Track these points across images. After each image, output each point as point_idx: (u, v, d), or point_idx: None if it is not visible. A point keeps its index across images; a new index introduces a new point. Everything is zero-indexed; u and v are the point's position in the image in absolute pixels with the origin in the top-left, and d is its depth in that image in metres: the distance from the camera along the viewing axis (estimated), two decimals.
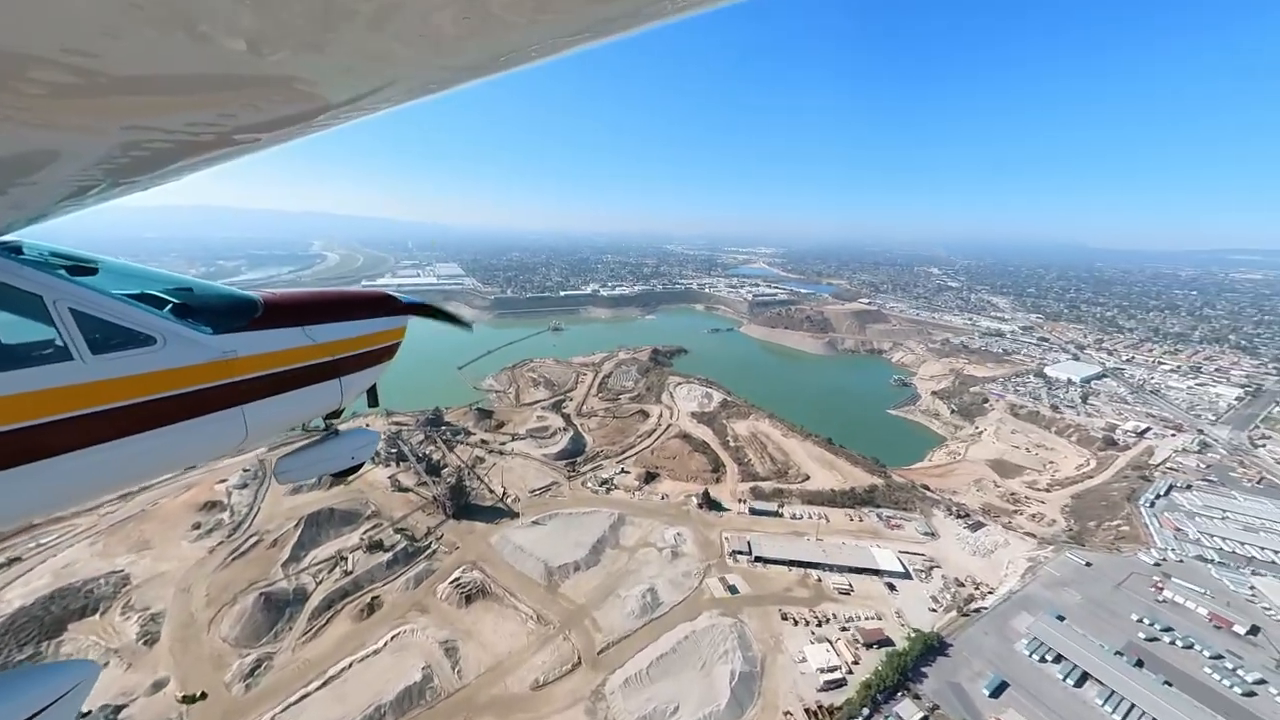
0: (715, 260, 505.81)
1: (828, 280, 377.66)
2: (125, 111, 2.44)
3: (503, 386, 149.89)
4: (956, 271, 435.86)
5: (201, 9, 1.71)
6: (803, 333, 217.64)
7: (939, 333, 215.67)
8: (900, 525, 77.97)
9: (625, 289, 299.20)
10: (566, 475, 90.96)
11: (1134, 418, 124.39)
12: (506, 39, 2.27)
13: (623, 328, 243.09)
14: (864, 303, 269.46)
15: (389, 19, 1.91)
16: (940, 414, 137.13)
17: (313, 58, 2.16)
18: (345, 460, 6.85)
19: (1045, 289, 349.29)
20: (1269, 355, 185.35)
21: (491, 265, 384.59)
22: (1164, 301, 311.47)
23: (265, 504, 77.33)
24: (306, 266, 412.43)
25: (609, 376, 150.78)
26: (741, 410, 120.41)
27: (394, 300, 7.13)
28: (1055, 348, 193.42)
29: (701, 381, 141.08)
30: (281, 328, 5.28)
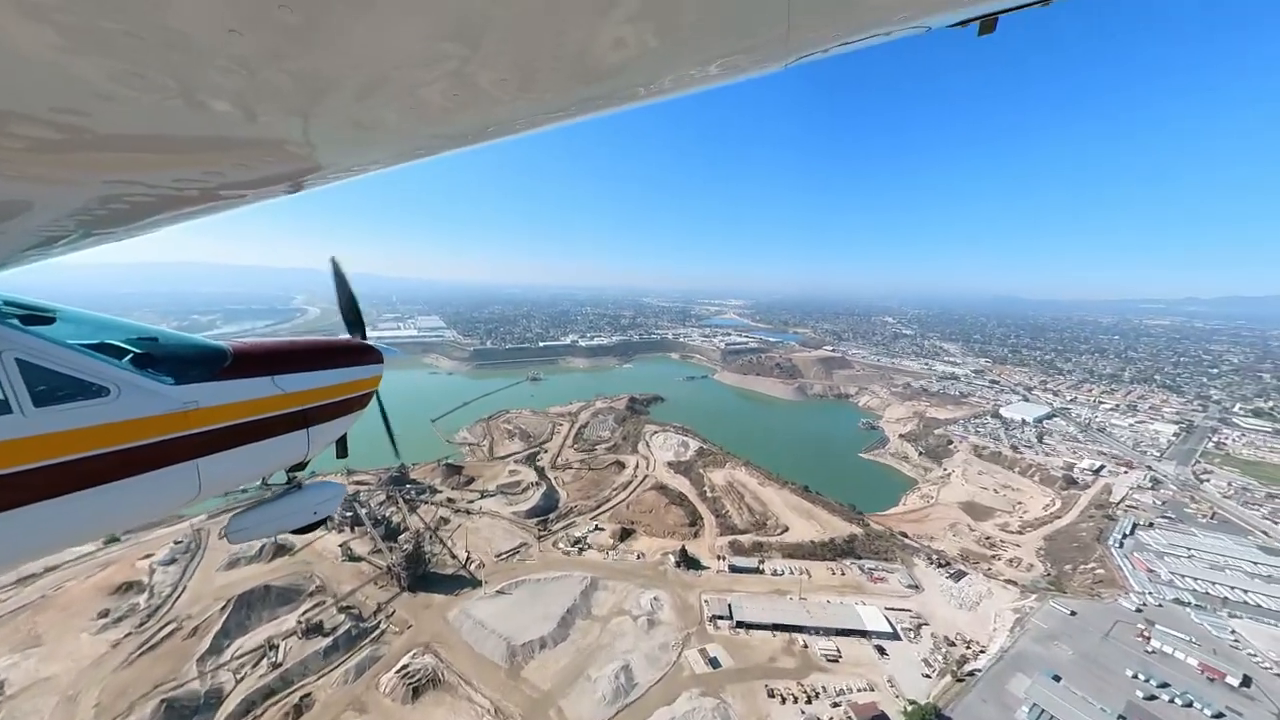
0: (689, 311, 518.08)
1: (794, 329, 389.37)
2: (109, 167, 2.41)
3: (477, 439, 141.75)
4: (909, 321, 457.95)
5: (201, 78, 1.71)
6: (773, 379, 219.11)
7: (900, 377, 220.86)
8: (883, 578, 73.10)
9: (603, 339, 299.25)
10: (537, 535, 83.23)
11: (1088, 456, 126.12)
12: (493, 113, 2.28)
13: (601, 377, 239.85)
14: (829, 350, 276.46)
15: (379, 90, 1.94)
16: (909, 456, 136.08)
17: (305, 123, 2.16)
18: (306, 515, 6.30)
19: (989, 335, 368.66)
20: (1192, 393, 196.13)
21: (473, 318, 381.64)
22: (1092, 345, 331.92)
23: (194, 582, 66.66)
24: (285, 320, 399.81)
25: (585, 426, 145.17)
26: (718, 459, 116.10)
27: (370, 349, 6.92)
28: (1006, 389, 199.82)
29: (678, 430, 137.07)
30: (249, 377, 4.97)
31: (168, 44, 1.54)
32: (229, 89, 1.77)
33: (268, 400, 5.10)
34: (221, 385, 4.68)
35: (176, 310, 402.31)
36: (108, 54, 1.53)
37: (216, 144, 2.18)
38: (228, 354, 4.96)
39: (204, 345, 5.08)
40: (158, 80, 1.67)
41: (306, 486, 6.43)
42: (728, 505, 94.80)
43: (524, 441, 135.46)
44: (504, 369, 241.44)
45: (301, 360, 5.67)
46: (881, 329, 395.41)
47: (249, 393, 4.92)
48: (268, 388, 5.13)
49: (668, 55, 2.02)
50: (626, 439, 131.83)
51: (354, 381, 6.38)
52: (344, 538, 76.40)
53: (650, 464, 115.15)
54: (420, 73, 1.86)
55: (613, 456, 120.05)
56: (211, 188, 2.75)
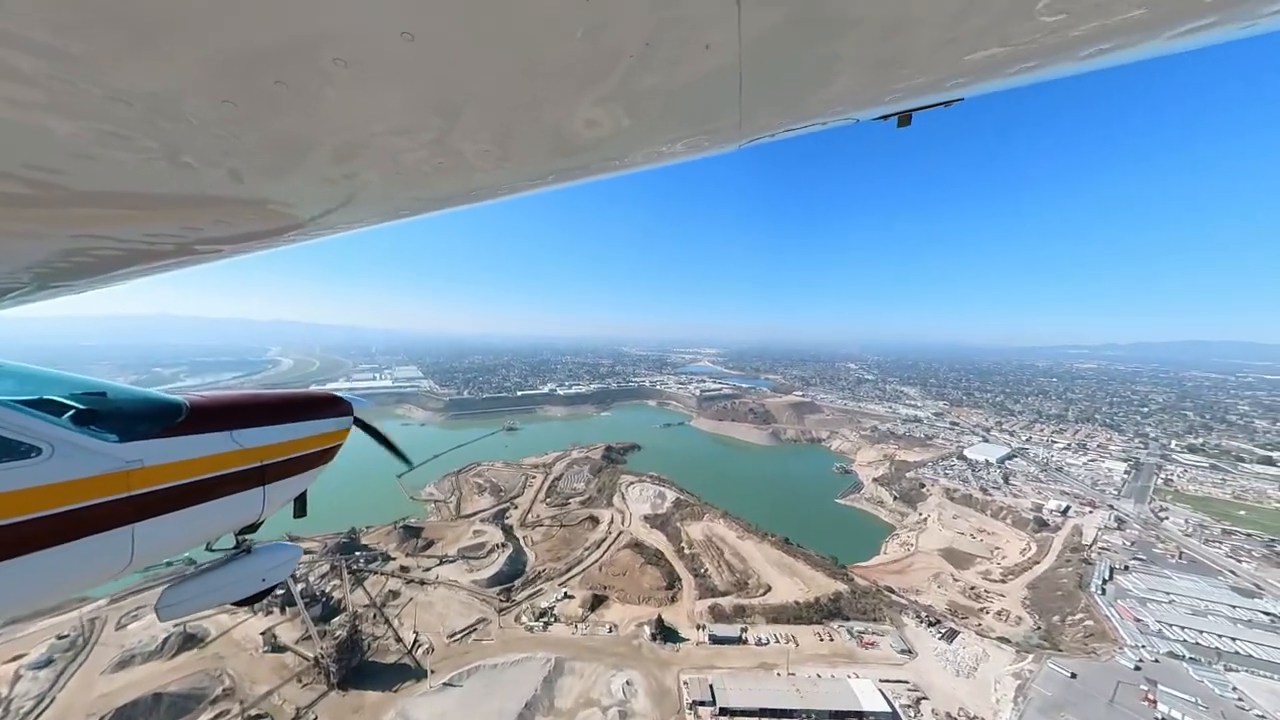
0: (665, 360, 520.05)
1: (765, 375, 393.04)
2: (79, 221, 2.35)
3: (444, 495, 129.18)
4: (870, 366, 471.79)
5: (188, 142, 1.69)
6: (748, 424, 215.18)
7: (867, 420, 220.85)
8: (874, 642, 65.26)
9: (582, 387, 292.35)
10: (499, 607, 72.13)
11: (1053, 496, 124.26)
12: (474, 179, 2.34)
13: (579, 425, 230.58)
14: (798, 395, 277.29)
15: (366, 156, 1.96)
16: (884, 501, 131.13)
17: (290, 184, 2.16)
18: (253, 583, 5.53)
19: (944, 379, 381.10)
20: (1130, 431, 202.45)
21: (453, 368, 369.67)
22: (1035, 387, 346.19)
23: (67, 692, 52.74)
24: (255, 371, 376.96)
25: (560, 478, 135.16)
26: (695, 510, 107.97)
27: (339, 401, 6.36)
28: (966, 431, 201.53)
29: (654, 480, 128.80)
30: (205, 433, 4.52)
31: (157, 110, 1.53)
32: (216, 152, 1.76)
33: (222, 457, 4.53)
34: (172, 442, 4.15)
35: (138, 363, 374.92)
36: (92, 118, 1.50)
37: (197, 201, 2.13)
38: (183, 408, 4.44)
39: (157, 400, 4.53)
40: (142, 143, 1.65)
41: (257, 550, 5.66)
42: (707, 563, 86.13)
43: (494, 496, 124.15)
44: (480, 419, 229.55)
45: (264, 413, 5.08)
46: (846, 374, 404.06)
47: (202, 449, 4.37)
48: (224, 443, 4.60)
49: (637, 135, 2.15)
50: (602, 491, 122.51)
51: (319, 435, 5.70)
52: (270, 622, 63.73)
53: (626, 518, 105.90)
54: (404, 141, 1.88)
55: (587, 511, 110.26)
56: (187, 242, 2.65)
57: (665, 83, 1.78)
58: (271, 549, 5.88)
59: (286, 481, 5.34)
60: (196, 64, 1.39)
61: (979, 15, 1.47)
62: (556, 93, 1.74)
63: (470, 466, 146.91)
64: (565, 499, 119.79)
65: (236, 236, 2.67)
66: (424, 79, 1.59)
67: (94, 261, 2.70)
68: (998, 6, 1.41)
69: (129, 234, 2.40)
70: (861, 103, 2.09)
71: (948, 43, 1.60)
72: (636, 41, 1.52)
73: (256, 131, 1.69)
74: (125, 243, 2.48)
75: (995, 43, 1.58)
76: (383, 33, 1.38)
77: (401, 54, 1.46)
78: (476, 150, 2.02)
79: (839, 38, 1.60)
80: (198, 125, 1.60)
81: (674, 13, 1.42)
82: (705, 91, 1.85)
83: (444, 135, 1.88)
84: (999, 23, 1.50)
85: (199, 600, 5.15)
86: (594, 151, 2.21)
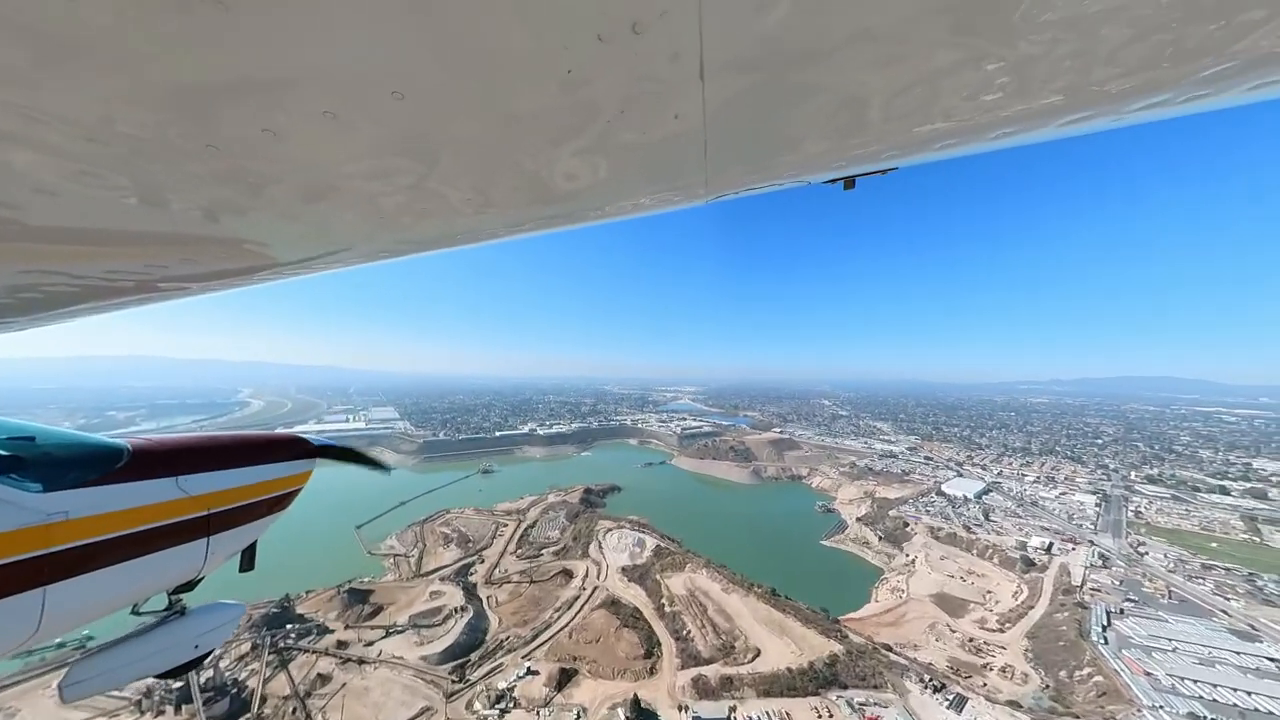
0: (647, 398, 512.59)
1: (744, 412, 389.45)
2: (32, 257, 2.21)
3: (406, 548, 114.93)
4: (843, 403, 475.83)
5: (163, 183, 1.61)
6: (729, 463, 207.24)
7: (845, 456, 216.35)
8: (878, 717, 55.99)
9: (563, 427, 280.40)
10: (449, 690, 59.86)
11: (1034, 532, 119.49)
12: (456, 224, 2.39)
13: (558, 466, 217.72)
14: (777, 432, 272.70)
15: (344, 200, 1.95)
16: (870, 542, 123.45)
17: (266, 225, 2.10)
18: (183, 651, 4.73)
19: (912, 414, 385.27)
20: (1092, 463, 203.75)
21: (432, 408, 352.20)
22: (997, 421, 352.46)
23: None
24: (221, 414, 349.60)
25: (534, 526, 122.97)
26: (677, 560, 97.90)
27: (302, 442, 5.68)
28: (940, 466, 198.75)
29: (634, 525, 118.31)
30: (147, 479, 3.95)
31: (135, 151, 1.48)
32: (192, 192, 1.71)
33: (163, 506, 3.95)
34: (106, 490, 3.60)
35: (91, 407, 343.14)
36: (62, 154, 1.43)
37: (166, 239, 2.03)
38: (124, 453, 3.94)
39: (95, 444, 3.98)
40: (113, 180, 1.58)
41: (193, 612, 4.90)
42: (689, 622, 75.79)
43: (460, 548, 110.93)
44: (455, 461, 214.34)
45: (216, 456, 4.54)
46: (820, 411, 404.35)
47: (141, 497, 3.82)
48: (167, 491, 4.04)
49: (612, 189, 2.28)
50: (578, 539, 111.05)
51: (276, 480, 5.12)
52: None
53: (602, 570, 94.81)
54: (388, 189, 1.88)
55: (560, 564, 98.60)
56: (151, 280, 2.50)
57: (638, 145, 1.89)
58: (209, 610, 5.05)
59: (235, 532, 4.66)
60: (182, 108, 1.37)
61: (908, 103, 1.69)
62: (537, 150, 1.81)
63: (438, 515, 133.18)
64: (538, 549, 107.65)
65: (205, 275, 2.52)
66: (411, 133, 1.60)
67: (41, 299, 2.47)
68: (918, 96, 1.64)
69: (86, 270, 2.23)
70: (811, 169, 2.30)
71: (883, 122, 1.82)
72: (612, 108, 1.62)
73: (238, 175, 1.65)
74: (80, 279, 2.30)
75: (923, 122, 1.82)
76: (374, 91, 1.40)
77: (391, 110, 1.48)
78: (459, 198, 2.03)
79: (789, 116, 1.77)
80: (176, 166, 1.56)
81: (646, 87, 1.53)
82: (674, 154, 1.97)
83: (427, 183, 1.89)
84: (921, 110, 1.72)
85: (116, 674, 4.24)
86: (572, 202, 2.30)
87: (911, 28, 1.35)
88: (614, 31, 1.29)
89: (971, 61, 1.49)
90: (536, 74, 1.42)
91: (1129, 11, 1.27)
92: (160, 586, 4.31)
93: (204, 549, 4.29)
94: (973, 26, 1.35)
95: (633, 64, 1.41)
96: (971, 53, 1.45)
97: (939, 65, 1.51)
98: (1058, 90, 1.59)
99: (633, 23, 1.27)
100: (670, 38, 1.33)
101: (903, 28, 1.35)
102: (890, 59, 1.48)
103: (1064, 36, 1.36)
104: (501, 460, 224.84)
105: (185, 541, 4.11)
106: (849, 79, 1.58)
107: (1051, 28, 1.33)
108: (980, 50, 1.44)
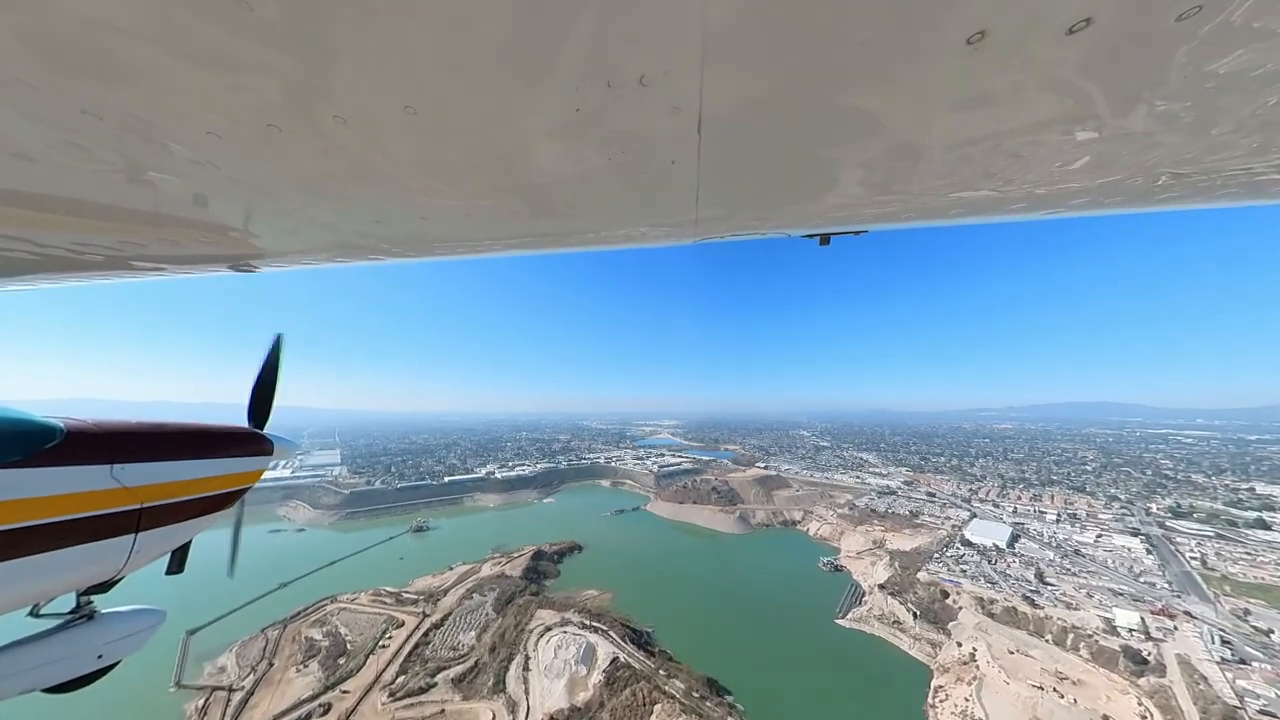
0: (625, 433, 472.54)
1: (725, 446, 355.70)
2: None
3: (245, 667, 73.06)
4: (822, 433, 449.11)
5: (154, 162, 1.54)
6: (713, 507, 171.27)
7: (839, 494, 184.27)
8: None
9: (525, 469, 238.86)
10: None
11: (1101, 595, 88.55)
12: (451, 231, 2.41)
13: (514, 517, 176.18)
14: (761, 467, 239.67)
15: (339, 199, 1.90)
16: (901, 620, 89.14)
17: (257, 215, 2.02)
18: (84, 661, 3.93)
19: (893, 444, 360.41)
20: (1102, 495, 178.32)
21: (386, 450, 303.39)
22: (977, 449, 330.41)
23: None
24: None
25: (445, 620, 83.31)
26: (643, 689, 61.00)
27: (258, 438, 5.06)
28: (947, 503, 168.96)
29: (584, 619, 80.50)
30: (76, 464, 3.38)
31: (129, 128, 1.42)
32: (184, 175, 1.65)
33: (89, 496, 3.38)
34: (25, 474, 3.04)
35: None
36: (55, 124, 1.37)
37: (147, 218, 1.93)
38: (56, 434, 3.38)
39: (21, 422, 3.38)
40: (103, 155, 1.52)
41: (102, 617, 4.11)
42: None
43: (325, 669, 70.41)
44: (386, 515, 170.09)
45: (161, 446, 3.93)
46: (802, 443, 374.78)
47: (65, 485, 3.26)
48: (99, 479, 3.47)
49: (611, 217, 2.36)
50: (498, 648, 72.42)
51: (224, 475, 4.46)
52: None
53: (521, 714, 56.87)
54: (386, 192, 1.85)
55: (458, 703, 59.97)
56: (123, 256, 2.38)
57: (635, 184, 1.98)
58: (121, 616, 4.30)
59: (168, 530, 3.96)
60: (188, 96, 1.33)
61: (882, 178, 1.84)
62: (540, 174, 1.85)
63: (317, 606, 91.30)
64: (435, 670, 68.33)
65: (183, 257, 2.42)
66: (417, 145, 1.61)
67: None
68: (891, 174, 1.81)
69: (52, 239, 2.07)
70: (792, 224, 2.49)
71: (859, 192, 1.97)
72: (615, 147, 1.71)
73: (238, 164, 1.60)
74: (43, 248, 2.16)
75: (886, 198, 1.99)
76: (389, 102, 1.41)
77: (402, 122, 1.48)
78: (457, 208, 2.02)
79: (777, 174, 1.89)
80: (173, 148, 1.51)
81: (647, 133, 1.61)
82: (668, 196, 2.08)
83: (427, 192, 1.88)
84: (882, 190, 1.91)
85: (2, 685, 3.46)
86: (567, 226, 2.36)
87: (891, 114, 1.44)
88: (622, 81, 1.35)
89: (936, 151, 1.62)
90: (547, 108, 1.46)
91: (1086, 123, 1.45)
92: (69, 586, 3.57)
93: (129, 546, 3.61)
94: (940, 125, 1.47)
95: (637, 111, 1.48)
96: (939, 142, 1.57)
97: (911, 150, 1.62)
98: (1013, 184, 1.76)
99: (640, 75, 1.33)
100: (673, 92, 1.38)
101: (884, 114, 1.44)
102: (871, 140, 1.58)
103: (1025, 143, 1.49)
104: (449, 511, 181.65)
105: (108, 537, 3.45)
106: (832, 152, 1.66)
107: (1006, 135, 1.46)
108: (945, 142, 1.56)
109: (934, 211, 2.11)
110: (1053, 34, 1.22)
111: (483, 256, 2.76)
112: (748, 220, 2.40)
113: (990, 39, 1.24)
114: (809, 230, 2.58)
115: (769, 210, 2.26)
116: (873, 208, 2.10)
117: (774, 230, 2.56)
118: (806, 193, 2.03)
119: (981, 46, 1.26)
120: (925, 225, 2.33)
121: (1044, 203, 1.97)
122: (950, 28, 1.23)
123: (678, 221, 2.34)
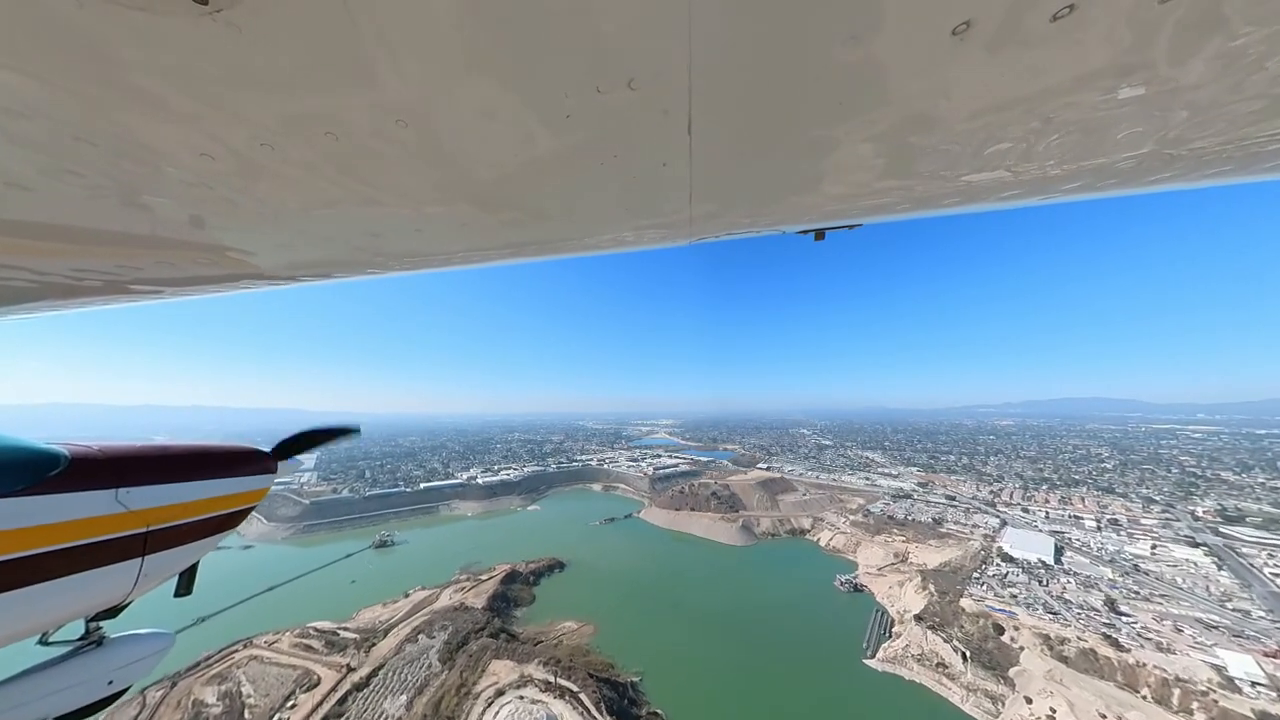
0: (620, 433, 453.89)
1: (723, 446, 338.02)
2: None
3: None
4: (823, 431, 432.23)
5: (149, 186, 1.53)
6: (712, 515, 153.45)
7: (850, 498, 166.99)
8: None
9: (511, 472, 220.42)
10: None
11: (1187, 626, 71.44)
12: (447, 243, 2.46)
13: (492, 526, 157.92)
14: (763, 468, 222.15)
15: (337, 216, 1.92)
16: (948, 663, 71.55)
17: (254, 234, 2.02)
18: (95, 688, 3.83)
19: (897, 442, 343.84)
20: (1137, 498, 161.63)
21: (369, 454, 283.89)
22: (985, 446, 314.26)
23: None
24: None
25: (378, 672, 65.05)
26: None
27: (262, 456, 5.03)
28: (970, 507, 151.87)
29: (549, 673, 62.34)
30: (81, 491, 3.32)
31: (122, 153, 1.40)
32: (179, 198, 1.63)
33: (95, 521, 3.31)
34: (30, 502, 2.97)
35: None
36: (46, 151, 1.34)
37: (145, 242, 1.94)
38: (60, 460, 3.33)
39: (25, 450, 3.32)
40: (96, 181, 1.50)
41: (111, 642, 4.00)
42: None
43: None
44: (350, 528, 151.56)
45: (166, 468, 3.90)
46: (803, 441, 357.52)
47: (71, 511, 3.19)
48: (104, 504, 3.42)
49: (605, 222, 2.38)
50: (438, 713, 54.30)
51: (230, 495, 4.42)
52: None
53: None
54: (380, 207, 1.85)
55: None
56: (122, 281, 2.38)
57: (628, 188, 1.99)
58: (130, 640, 4.20)
59: (175, 552, 3.94)
60: (180, 119, 1.31)
61: (872, 173, 1.87)
62: (534, 181, 1.85)
63: (226, 652, 72.74)
64: None
65: (181, 279, 2.42)
66: (410, 159, 1.60)
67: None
68: (882, 167, 1.84)
69: (51, 267, 2.08)
70: (786, 221, 2.49)
71: (851, 186, 2.00)
72: (606, 152, 1.72)
73: (232, 185, 1.58)
74: (43, 276, 2.16)
75: (887, 189, 2.04)
76: (379, 116, 1.40)
77: (393, 135, 1.47)
78: (453, 219, 2.01)
79: (768, 173, 1.92)
80: (168, 171, 1.50)
81: (638, 137, 1.62)
82: (661, 199, 2.09)
83: (423, 203, 1.87)
84: (886, 178, 1.94)
85: (9, 718, 3.40)
86: (562, 231, 2.38)
87: (879, 107, 1.46)
88: (612, 85, 1.33)
89: (926, 143, 1.63)
90: (538, 115, 1.45)
91: (1075, 107, 1.48)
92: (78, 613, 3.58)
93: (136, 570, 3.60)
94: (928, 116, 1.50)
95: (627, 116, 1.47)
96: (929, 134, 1.58)
97: (902, 143, 1.65)
98: (1006, 170, 1.77)
99: (629, 79, 1.32)
100: (662, 95, 1.38)
101: (873, 107, 1.46)
102: (861, 133, 1.60)
103: (1010, 126, 1.52)
104: (423, 521, 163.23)
105: (115, 561, 3.43)
106: (823, 147, 1.68)
107: (998, 116, 1.49)
108: (936, 134, 1.59)
109: (925, 203, 2.13)
110: (1037, 21, 1.24)
111: (480, 267, 2.74)
112: (741, 219, 2.42)
113: (975, 28, 1.25)
114: (803, 226, 2.57)
115: (762, 208, 2.28)
116: (865, 200, 2.11)
117: (768, 228, 2.56)
118: (799, 189, 2.04)
119: (967, 36, 1.27)
120: (918, 216, 2.34)
121: (1038, 187, 1.97)
122: (935, 19, 1.24)
123: (672, 223, 2.36)
